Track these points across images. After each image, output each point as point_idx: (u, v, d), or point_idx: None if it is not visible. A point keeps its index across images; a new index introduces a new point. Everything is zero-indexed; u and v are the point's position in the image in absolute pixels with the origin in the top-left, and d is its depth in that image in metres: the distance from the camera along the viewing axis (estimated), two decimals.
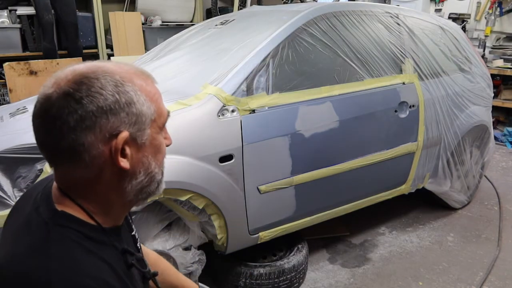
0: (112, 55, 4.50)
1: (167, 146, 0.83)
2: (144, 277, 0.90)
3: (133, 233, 0.97)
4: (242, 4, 5.14)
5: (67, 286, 0.65)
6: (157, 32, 4.75)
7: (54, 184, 0.79)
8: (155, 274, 0.93)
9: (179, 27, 4.63)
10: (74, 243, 0.71)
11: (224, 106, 1.83)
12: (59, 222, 0.72)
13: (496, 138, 4.07)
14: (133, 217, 1.56)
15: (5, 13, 3.98)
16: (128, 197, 0.78)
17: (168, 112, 0.81)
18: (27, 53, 4.12)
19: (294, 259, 2.17)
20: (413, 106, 2.46)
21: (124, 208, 0.81)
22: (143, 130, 0.74)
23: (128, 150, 0.73)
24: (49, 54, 3.83)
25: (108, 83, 0.71)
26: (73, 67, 0.73)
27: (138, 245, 0.98)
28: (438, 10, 5.56)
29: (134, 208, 0.91)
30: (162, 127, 0.80)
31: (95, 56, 4.56)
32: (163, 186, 0.84)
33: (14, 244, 0.74)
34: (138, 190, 0.78)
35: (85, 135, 0.69)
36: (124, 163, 0.73)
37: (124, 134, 0.71)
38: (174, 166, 1.66)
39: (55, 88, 0.70)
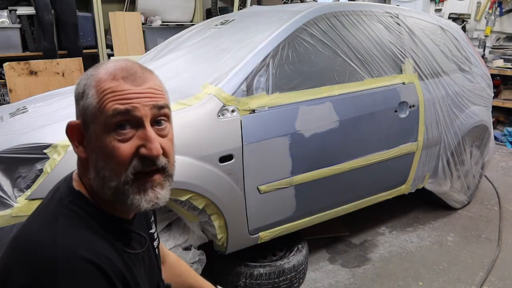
0: (112, 55, 4.50)
1: (146, 157, 0.75)
2: (158, 287, 0.97)
3: (151, 231, 1.00)
4: (242, 4, 5.13)
5: (67, 256, 0.70)
6: (157, 32, 4.75)
7: None
8: (169, 286, 1.01)
9: (179, 27, 4.63)
10: (81, 220, 0.77)
11: (224, 106, 1.83)
12: (72, 199, 0.79)
13: (496, 138, 4.07)
14: None
15: (5, 13, 3.98)
16: (100, 191, 0.78)
17: (118, 111, 0.74)
18: (27, 53, 4.12)
19: (294, 259, 2.17)
20: (413, 106, 2.46)
21: (110, 202, 0.79)
22: (88, 124, 0.77)
23: (84, 141, 0.79)
24: (49, 54, 3.82)
25: (86, 75, 0.80)
26: None
27: (155, 244, 1.01)
28: (438, 10, 5.56)
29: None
30: (109, 127, 0.74)
31: (95, 56, 4.56)
32: (134, 201, 0.76)
33: (32, 219, 0.81)
34: (99, 188, 0.78)
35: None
36: (79, 151, 0.80)
37: (72, 122, 0.79)
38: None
39: None
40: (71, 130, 0.79)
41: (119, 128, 0.74)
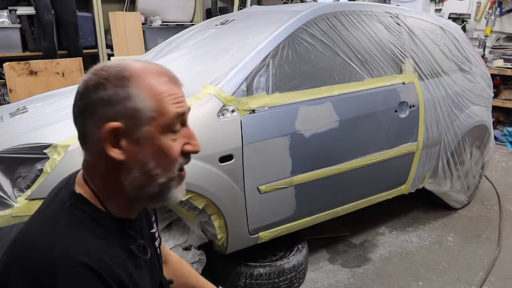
0: (112, 55, 4.50)
1: (192, 153, 0.83)
2: (161, 284, 0.97)
3: (153, 230, 1.00)
4: (242, 4, 5.13)
5: (66, 260, 0.70)
6: (157, 32, 4.75)
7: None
8: (171, 282, 1.00)
9: (179, 27, 4.63)
10: (82, 224, 0.76)
11: (224, 106, 1.83)
12: (73, 203, 0.79)
13: (496, 138, 4.07)
14: None
15: (5, 13, 3.98)
16: (128, 191, 0.80)
17: (179, 114, 0.80)
18: (27, 53, 4.11)
19: (294, 259, 2.17)
20: (413, 106, 2.46)
21: (129, 203, 0.83)
22: (139, 125, 0.76)
23: (124, 143, 0.76)
24: (49, 54, 3.82)
25: (115, 76, 0.76)
26: (107, 62, 0.81)
27: (156, 244, 1.01)
28: (438, 10, 5.56)
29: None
30: (167, 128, 0.79)
31: (95, 56, 4.56)
32: (174, 194, 0.82)
33: (33, 220, 0.81)
34: (137, 188, 0.79)
35: (88, 120, 0.77)
36: (115, 153, 0.76)
37: (113, 124, 0.74)
38: None
39: (84, 76, 0.79)
40: (110, 133, 0.76)
41: (174, 128, 0.80)
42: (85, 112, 0.76)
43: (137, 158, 0.77)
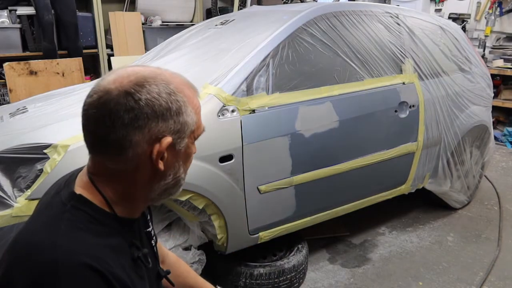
0: (112, 55, 4.50)
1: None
2: (158, 274, 0.97)
3: (149, 229, 1.00)
4: (242, 4, 5.13)
5: (69, 261, 0.70)
6: (157, 32, 4.75)
7: (83, 170, 0.85)
8: (168, 272, 1.00)
9: (179, 27, 4.63)
10: (84, 225, 0.76)
11: (224, 106, 1.83)
12: (74, 204, 0.78)
13: (496, 138, 4.07)
14: None
15: (5, 13, 3.98)
16: (152, 194, 0.84)
17: (204, 127, 0.86)
18: (27, 53, 4.11)
19: (294, 259, 2.17)
20: (413, 106, 2.46)
21: (144, 203, 0.87)
22: (183, 138, 0.80)
23: (165, 154, 0.78)
24: (49, 54, 3.82)
25: (165, 90, 0.76)
26: (135, 69, 0.78)
27: (153, 242, 1.01)
28: (438, 10, 5.56)
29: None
30: (196, 138, 0.85)
31: (95, 56, 4.56)
32: (180, 190, 0.90)
33: (32, 221, 0.81)
34: (163, 190, 0.85)
35: (134, 133, 0.75)
36: (161, 164, 0.79)
37: (169, 139, 0.77)
38: None
39: (117, 84, 0.75)
40: (166, 148, 0.78)
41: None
42: (132, 124, 0.74)
43: (173, 166, 0.82)
